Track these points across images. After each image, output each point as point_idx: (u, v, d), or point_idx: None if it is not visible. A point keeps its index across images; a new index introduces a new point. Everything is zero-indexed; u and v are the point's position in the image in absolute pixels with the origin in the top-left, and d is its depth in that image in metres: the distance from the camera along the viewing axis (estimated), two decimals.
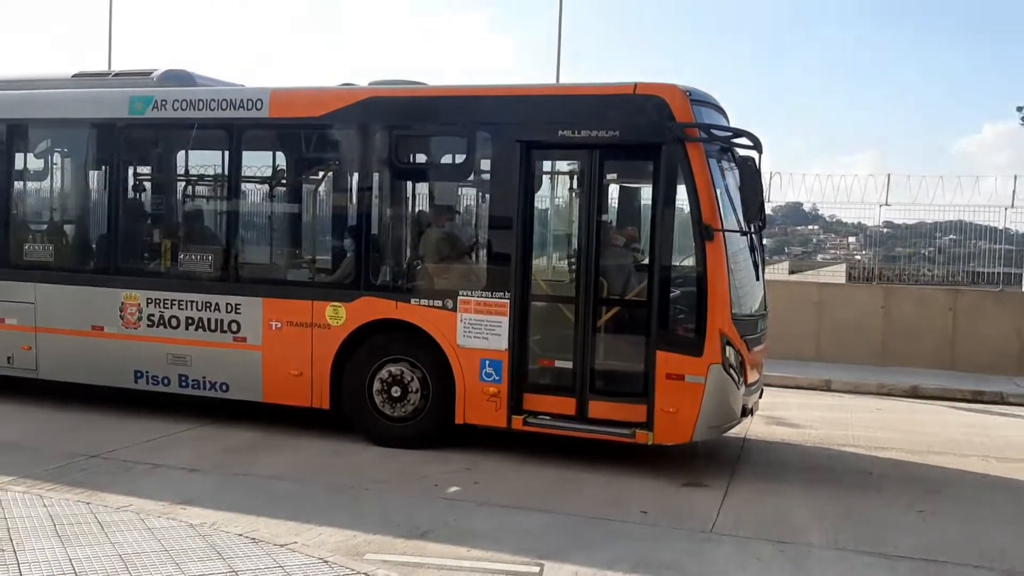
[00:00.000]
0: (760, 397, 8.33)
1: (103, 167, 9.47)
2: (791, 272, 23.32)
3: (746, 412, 7.65)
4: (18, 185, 9.90)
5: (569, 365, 7.62)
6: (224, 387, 8.57)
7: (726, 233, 7.16)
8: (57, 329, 9.10)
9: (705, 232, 7.05)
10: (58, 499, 6.00)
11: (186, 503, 6.23)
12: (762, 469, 7.96)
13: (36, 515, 5.56)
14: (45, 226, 10.03)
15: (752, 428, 9.09)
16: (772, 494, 7.14)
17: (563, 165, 8.59)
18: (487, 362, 7.71)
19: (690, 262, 7.32)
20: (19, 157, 9.78)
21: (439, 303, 7.85)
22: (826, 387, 12.40)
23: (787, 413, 10.28)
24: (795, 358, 13.16)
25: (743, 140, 7.41)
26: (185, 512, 5.97)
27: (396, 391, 8.03)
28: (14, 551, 4.92)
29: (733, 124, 7.96)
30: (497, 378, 7.67)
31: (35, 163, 10.05)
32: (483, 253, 8.19)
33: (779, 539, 6.01)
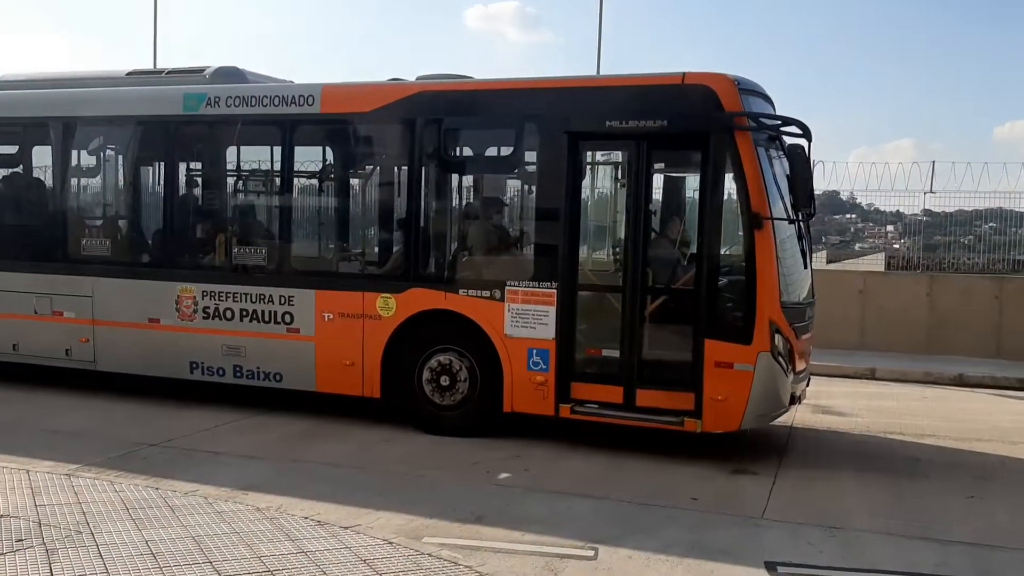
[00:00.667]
0: (807, 385, 8.36)
1: (157, 163, 9.71)
2: (829, 261, 23.12)
3: (794, 400, 7.70)
4: (74, 182, 10.17)
5: (616, 354, 7.70)
6: (278, 377, 8.77)
7: (775, 221, 7.21)
8: (114, 322, 9.34)
9: (754, 220, 7.09)
10: (127, 485, 6.21)
11: (248, 489, 6.41)
12: (810, 456, 8.00)
13: (108, 500, 5.76)
14: (101, 221, 10.27)
15: (799, 416, 9.12)
16: (821, 480, 7.18)
17: (610, 155, 8.65)
18: (535, 351, 7.81)
19: (739, 250, 7.37)
20: (75, 154, 10.03)
21: (487, 293, 7.97)
22: (871, 375, 12.36)
23: (833, 401, 10.29)
24: (840, 347, 13.12)
25: (791, 128, 7.45)
26: (248, 497, 6.15)
27: (445, 380, 8.17)
28: (92, 533, 5.12)
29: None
30: (544, 367, 7.78)
31: (90, 160, 10.29)
32: (530, 244, 8.30)
33: (830, 524, 6.06)
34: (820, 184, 15.61)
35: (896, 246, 22.11)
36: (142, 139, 9.69)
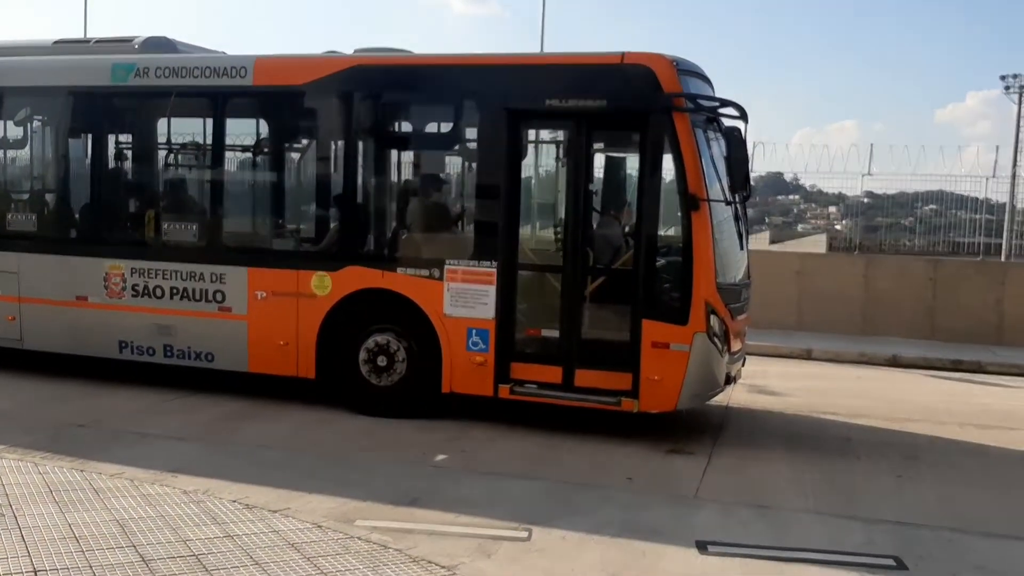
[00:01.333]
0: (743, 365, 8.45)
1: (85, 135, 9.40)
2: (772, 242, 23.45)
3: (729, 380, 7.77)
4: None
5: (556, 334, 7.69)
6: (209, 357, 8.59)
7: (711, 203, 7.23)
8: (41, 299, 9.07)
9: (691, 202, 7.10)
10: (52, 467, 6.03)
11: (176, 471, 6.26)
12: (745, 436, 8.09)
13: (32, 482, 5.61)
14: (27, 195, 9.96)
15: (734, 396, 9.22)
16: (754, 460, 7.27)
17: (550, 134, 8.60)
18: (474, 331, 7.76)
19: (676, 231, 7.39)
20: (0, 125, 9.67)
21: (425, 272, 7.88)
22: (807, 356, 12.56)
23: (769, 382, 10.42)
24: (777, 327, 13.30)
25: (729, 110, 7.47)
26: (176, 480, 6.02)
27: (382, 360, 8.08)
28: (14, 515, 4.97)
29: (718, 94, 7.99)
30: (484, 347, 7.73)
31: (15, 131, 9.94)
32: (470, 222, 8.23)
33: (761, 504, 6.13)
34: (762, 165, 15.79)
35: (838, 227, 22.52)
36: (69, 110, 9.37)
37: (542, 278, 8.05)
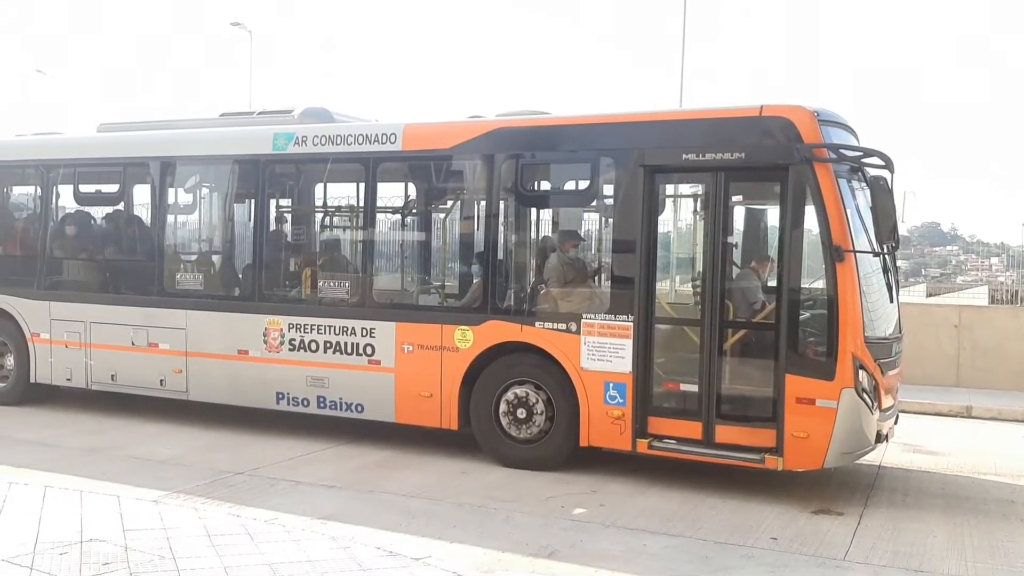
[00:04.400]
0: (895, 423, 8.09)
1: (248, 200, 10.06)
2: (929, 295, 22.32)
3: (880, 438, 7.45)
4: (170, 218, 10.60)
5: (695, 388, 7.61)
6: (359, 408, 8.94)
7: (857, 254, 7.05)
8: (206, 353, 9.67)
9: (835, 253, 6.95)
10: (210, 511, 6.41)
11: (326, 518, 6.53)
12: (898, 497, 7.71)
13: (192, 526, 5.96)
14: (195, 256, 10.70)
15: (887, 455, 8.82)
16: (909, 522, 6.91)
17: (687, 188, 8.62)
18: (611, 385, 7.78)
19: (820, 284, 7.22)
20: (171, 192, 10.46)
21: (563, 326, 7.98)
22: (967, 414, 11.85)
23: (925, 440, 9.91)
24: (933, 383, 12.65)
25: (874, 159, 7.28)
26: (326, 526, 6.28)
27: (522, 413, 8.19)
28: (174, 559, 5.30)
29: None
30: (621, 401, 7.73)
31: (186, 198, 10.75)
32: (607, 277, 8.31)
33: (916, 568, 5.84)
34: (914, 216, 15.16)
35: (1000, 279, 21.25)
36: (234, 177, 10.06)
37: (680, 332, 8.00)
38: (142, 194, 10.50)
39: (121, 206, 10.75)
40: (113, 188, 10.68)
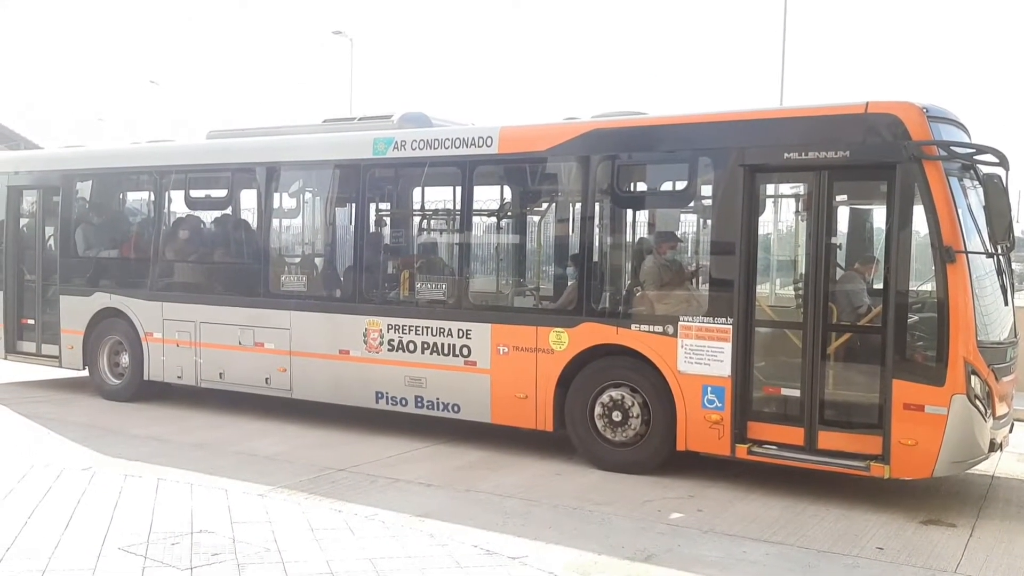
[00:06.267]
0: (1011, 431, 7.73)
1: (349, 204, 10.29)
2: None
3: (994, 447, 7.14)
4: (275, 222, 10.93)
5: (796, 393, 7.42)
6: (456, 408, 9.04)
7: (969, 255, 6.78)
8: (309, 353, 9.93)
9: (946, 254, 6.69)
10: (314, 506, 6.59)
11: (424, 515, 6.64)
12: (1013, 509, 7.37)
13: (296, 520, 6.14)
14: (299, 259, 11.02)
15: (1001, 465, 8.43)
16: None
17: (788, 188, 8.43)
18: (709, 388, 7.66)
19: (930, 286, 6.96)
20: (276, 196, 10.79)
21: (659, 329, 7.91)
22: None
23: None
24: None
25: (988, 157, 6.98)
26: (424, 524, 6.38)
27: (617, 416, 8.15)
28: (279, 551, 5.47)
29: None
30: (720, 405, 7.61)
31: (290, 202, 11.08)
32: (704, 279, 8.19)
33: None
34: None
35: None
36: (335, 181, 10.33)
37: (781, 335, 7.83)
38: (248, 199, 10.86)
39: (229, 210, 11.14)
40: (221, 193, 11.08)
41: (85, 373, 11.80)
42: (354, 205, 10.09)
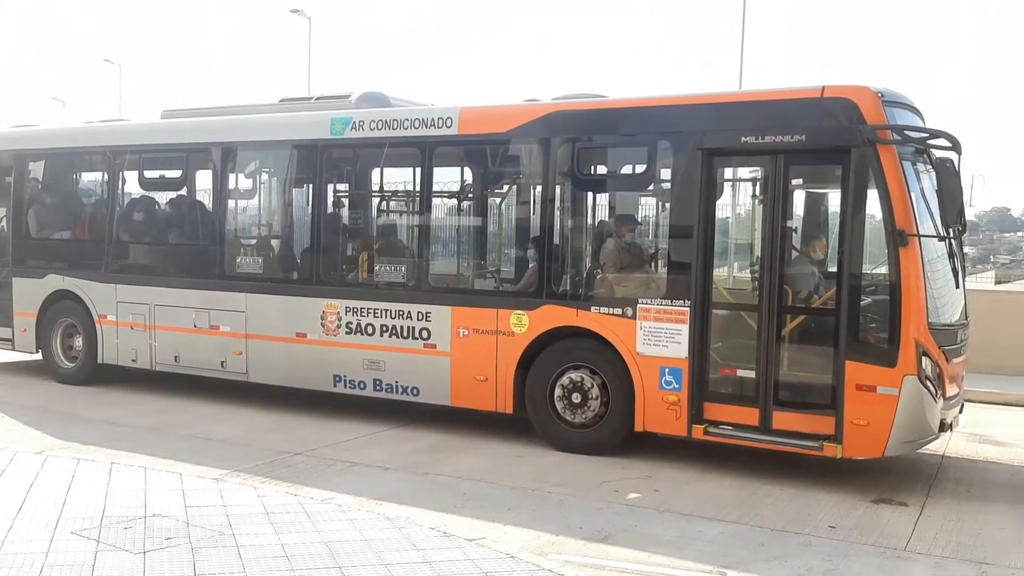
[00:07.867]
0: (960, 412, 7.88)
1: (306, 185, 10.18)
2: (998, 282, 21.70)
3: (944, 427, 7.27)
4: (231, 203, 10.78)
5: (752, 375, 7.50)
6: (415, 391, 9.00)
7: (922, 239, 6.88)
8: (265, 336, 9.83)
9: (899, 237, 6.78)
10: (269, 490, 6.53)
11: (381, 498, 6.62)
12: (963, 488, 7.52)
13: (251, 504, 6.08)
14: (255, 240, 10.88)
15: (951, 445, 8.61)
16: (973, 514, 6.74)
17: (745, 172, 8.47)
18: (667, 370, 7.72)
19: (882, 269, 7.06)
20: (232, 177, 10.63)
21: (619, 311, 7.94)
22: None
23: (992, 431, 9.64)
24: (1002, 372, 12.28)
25: (941, 141, 7.08)
26: (381, 507, 6.36)
27: (577, 397, 8.18)
28: (233, 535, 5.41)
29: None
30: (677, 386, 7.67)
31: (245, 182, 10.92)
32: (663, 261, 8.23)
33: (980, 560, 5.70)
34: (982, 201, 14.69)
35: None
36: (292, 162, 10.20)
37: (737, 317, 7.89)
38: (204, 179, 10.68)
39: (184, 191, 10.95)
40: (176, 173, 10.88)
41: (39, 356, 11.59)
42: (311, 186, 9.99)
